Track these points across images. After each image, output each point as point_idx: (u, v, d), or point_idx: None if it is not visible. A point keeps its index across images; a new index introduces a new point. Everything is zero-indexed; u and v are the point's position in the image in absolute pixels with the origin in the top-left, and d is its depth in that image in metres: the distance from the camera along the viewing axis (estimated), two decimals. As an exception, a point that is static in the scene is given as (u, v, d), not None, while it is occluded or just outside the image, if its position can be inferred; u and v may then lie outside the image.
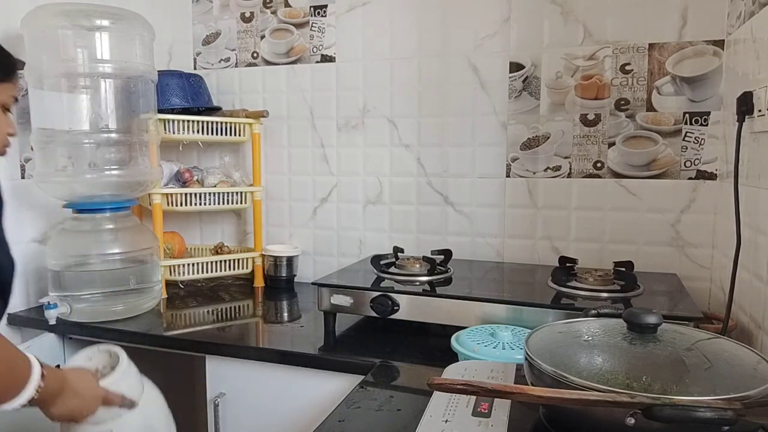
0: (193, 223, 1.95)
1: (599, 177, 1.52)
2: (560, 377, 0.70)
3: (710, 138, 1.43)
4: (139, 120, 1.50)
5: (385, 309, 1.24)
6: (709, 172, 1.44)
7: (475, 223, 1.64)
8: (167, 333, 1.35)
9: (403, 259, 1.44)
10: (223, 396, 1.27)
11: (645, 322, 0.78)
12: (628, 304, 1.13)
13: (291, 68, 1.81)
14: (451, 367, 0.95)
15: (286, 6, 1.80)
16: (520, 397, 0.65)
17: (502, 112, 1.59)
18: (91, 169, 1.44)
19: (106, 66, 1.42)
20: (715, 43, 1.40)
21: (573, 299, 1.19)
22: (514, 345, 1.03)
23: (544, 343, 0.80)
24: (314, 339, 1.29)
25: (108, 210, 1.46)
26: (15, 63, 0.95)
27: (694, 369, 0.71)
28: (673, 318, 0.97)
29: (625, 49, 1.47)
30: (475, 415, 0.78)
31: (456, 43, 1.62)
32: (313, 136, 1.80)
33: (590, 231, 1.54)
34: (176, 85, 1.70)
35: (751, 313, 1.12)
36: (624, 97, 1.49)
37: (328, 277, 1.38)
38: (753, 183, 1.12)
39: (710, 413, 0.60)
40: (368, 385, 1.04)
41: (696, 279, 1.45)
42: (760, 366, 0.72)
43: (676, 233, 1.47)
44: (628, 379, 0.68)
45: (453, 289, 1.28)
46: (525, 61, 1.56)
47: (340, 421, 0.89)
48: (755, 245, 1.09)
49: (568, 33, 1.52)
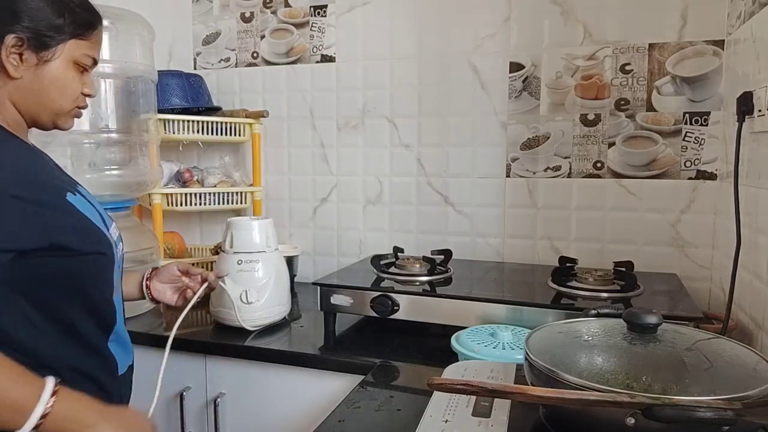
0: (193, 223, 1.95)
1: (599, 177, 1.52)
2: (560, 377, 0.70)
3: (710, 138, 1.43)
4: (139, 120, 1.50)
5: (385, 309, 1.24)
6: (709, 172, 1.44)
7: (475, 223, 1.64)
8: (167, 333, 1.35)
9: (403, 259, 1.44)
10: (223, 396, 1.27)
11: (645, 322, 0.78)
12: (628, 304, 1.13)
13: (291, 68, 1.81)
14: (451, 367, 0.95)
15: (286, 6, 1.80)
16: (520, 397, 0.65)
17: (502, 112, 1.59)
18: (91, 169, 1.44)
19: (106, 66, 1.42)
20: (715, 43, 1.40)
21: (573, 299, 1.19)
22: (514, 345, 1.03)
23: (544, 343, 0.80)
24: (314, 339, 1.29)
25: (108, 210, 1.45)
26: (95, 20, 0.91)
27: (694, 369, 0.71)
28: (673, 318, 0.97)
29: (625, 49, 1.47)
30: (475, 415, 0.78)
31: (456, 43, 1.62)
32: (313, 136, 1.80)
33: (590, 231, 1.54)
34: (176, 85, 1.70)
35: (751, 313, 1.12)
36: (624, 97, 1.48)
37: (328, 277, 1.38)
38: (753, 183, 1.12)
39: (710, 413, 0.60)
40: (368, 385, 1.04)
41: (696, 279, 1.45)
42: (760, 366, 0.72)
43: (676, 233, 1.47)
44: (628, 379, 0.68)
45: (453, 289, 1.28)
46: (525, 61, 1.56)
47: (340, 421, 0.89)
48: (755, 245, 1.09)
49: (568, 33, 1.52)
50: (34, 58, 0.85)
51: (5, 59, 0.83)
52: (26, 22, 0.83)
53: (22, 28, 0.83)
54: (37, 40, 0.84)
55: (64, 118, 0.92)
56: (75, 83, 0.90)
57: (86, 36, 0.89)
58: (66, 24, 0.86)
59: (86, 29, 0.88)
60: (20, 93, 0.87)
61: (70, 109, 0.91)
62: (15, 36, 0.83)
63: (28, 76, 0.86)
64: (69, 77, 0.88)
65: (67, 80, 0.88)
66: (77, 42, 0.88)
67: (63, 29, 0.86)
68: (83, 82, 0.91)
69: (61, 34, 0.86)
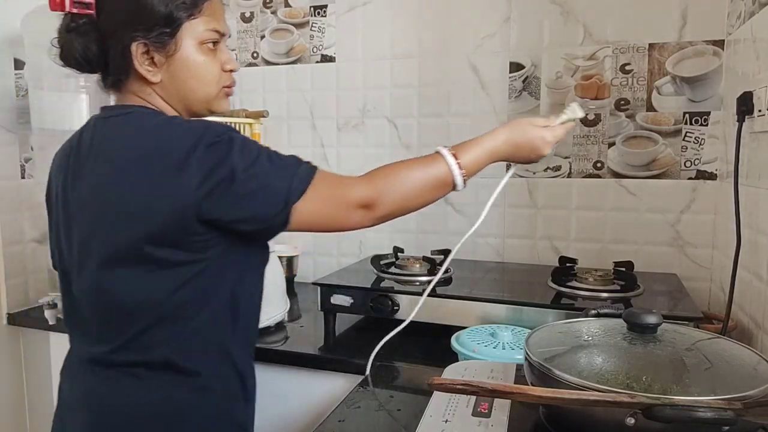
0: (193, 223, 1.95)
1: (599, 177, 1.52)
2: (560, 377, 0.70)
3: (710, 138, 1.43)
4: (139, 120, 1.50)
5: (385, 309, 1.24)
6: (709, 172, 1.44)
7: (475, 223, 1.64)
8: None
9: (403, 259, 1.44)
10: (223, 396, 1.27)
11: (645, 322, 0.78)
12: (628, 304, 1.13)
13: (291, 68, 1.81)
14: (451, 367, 0.95)
15: (286, 6, 1.80)
16: (520, 397, 0.65)
17: (502, 112, 1.59)
18: (91, 169, 1.44)
19: (106, 66, 1.42)
20: (715, 43, 1.40)
21: (573, 299, 1.19)
22: (514, 345, 1.03)
23: (544, 343, 0.80)
24: (314, 339, 1.29)
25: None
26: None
27: (694, 369, 0.71)
28: (673, 318, 0.97)
29: (625, 49, 1.47)
30: (475, 415, 0.78)
31: (456, 43, 1.62)
32: (313, 136, 1.80)
33: (590, 231, 1.54)
34: (176, 85, 1.70)
35: (751, 313, 1.12)
36: (624, 97, 1.48)
37: (328, 277, 1.38)
38: (753, 183, 1.12)
39: (710, 413, 0.60)
40: (368, 385, 1.04)
41: (696, 279, 1.45)
42: (760, 366, 0.72)
43: (676, 233, 1.47)
44: (628, 379, 0.68)
45: (453, 289, 1.28)
46: (525, 61, 1.56)
47: (340, 421, 0.89)
48: (755, 245, 1.09)
49: (568, 33, 1.51)
50: (162, 57, 0.83)
51: (140, 68, 0.83)
52: (141, 24, 0.81)
53: (140, 31, 0.81)
54: (157, 38, 0.82)
55: (216, 103, 0.90)
56: (209, 65, 0.87)
57: (196, 12, 0.85)
58: (172, 10, 0.82)
59: (193, 6, 0.84)
60: (167, 93, 0.86)
61: (216, 92, 0.89)
62: (138, 43, 0.82)
63: (166, 77, 0.85)
64: (200, 62, 0.86)
65: (199, 66, 0.86)
66: (191, 22, 0.84)
67: (172, 16, 0.82)
68: (219, 60, 0.88)
69: (173, 23, 0.83)
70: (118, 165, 0.79)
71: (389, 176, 0.87)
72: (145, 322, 0.81)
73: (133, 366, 0.82)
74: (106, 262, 0.80)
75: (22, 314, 1.49)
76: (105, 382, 0.83)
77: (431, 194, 0.90)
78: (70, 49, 0.84)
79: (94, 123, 0.86)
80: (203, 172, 0.75)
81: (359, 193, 0.84)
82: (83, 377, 0.86)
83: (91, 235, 0.81)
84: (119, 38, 0.82)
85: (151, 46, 0.82)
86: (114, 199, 0.79)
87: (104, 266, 0.80)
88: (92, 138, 0.84)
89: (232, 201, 0.77)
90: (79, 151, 0.85)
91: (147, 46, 0.82)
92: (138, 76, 0.84)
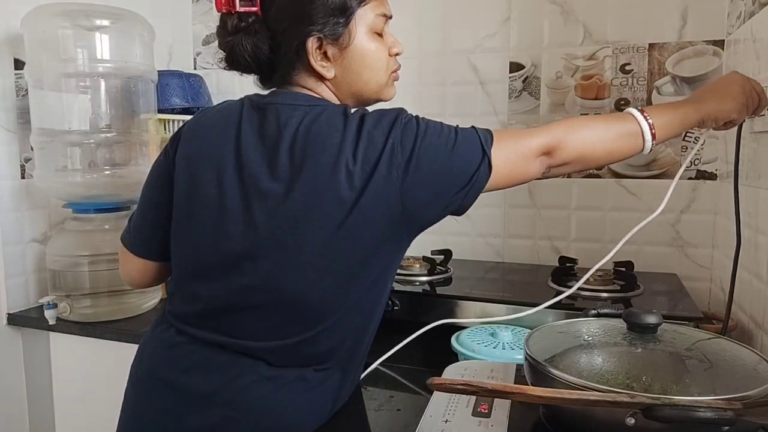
0: (193, 223, 1.95)
1: (599, 177, 1.52)
2: (560, 377, 0.70)
3: (710, 138, 1.43)
4: (139, 120, 1.50)
5: (385, 309, 1.23)
6: (709, 172, 1.44)
7: (475, 223, 1.64)
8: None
9: (403, 259, 1.44)
10: (223, 396, 1.27)
11: (645, 322, 0.78)
12: (628, 304, 1.13)
13: (291, 68, 1.80)
14: (451, 367, 0.95)
15: (286, 6, 1.80)
16: (520, 397, 0.65)
17: (502, 112, 1.59)
18: (91, 169, 1.44)
19: (106, 66, 1.42)
20: (715, 43, 1.40)
21: (573, 299, 1.19)
22: (514, 345, 1.03)
23: (544, 343, 0.80)
24: (314, 339, 1.29)
25: (108, 210, 1.46)
26: None
27: (694, 369, 0.71)
28: (673, 318, 0.97)
29: (625, 49, 1.47)
30: (475, 415, 0.78)
31: (456, 43, 1.62)
32: (313, 136, 1.79)
33: (590, 231, 1.54)
34: (176, 85, 1.70)
35: (751, 313, 1.12)
36: (624, 97, 1.48)
37: (328, 277, 1.37)
38: (753, 183, 1.12)
39: (710, 413, 0.60)
40: (368, 385, 1.04)
41: (696, 279, 1.45)
42: (760, 366, 0.72)
43: (676, 233, 1.47)
44: (628, 379, 0.68)
45: (453, 289, 1.28)
46: (525, 61, 1.56)
47: (340, 421, 0.89)
48: (755, 245, 1.09)
49: (568, 33, 1.51)
50: (336, 50, 0.81)
51: (315, 64, 0.80)
52: (314, 18, 0.78)
53: (314, 25, 0.78)
54: (332, 30, 0.79)
55: (386, 90, 0.88)
56: (380, 53, 0.85)
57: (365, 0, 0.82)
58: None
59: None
60: (338, 89, 0.84)
61: (386, 80, 0.87)
62: (313, 37, 0.79)
63: (339, 71, 0.82)
64: (372, 49, 0.84)
65: (371, 54, 0.84)
66: (363, 9, 0.82)
67: (345, 5, 0.80)
68: (386, 45, 0.86)
69: (346, 11, 0.80)
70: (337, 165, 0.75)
71: (569, 124, 0.86)
72: (332, 319, 0.79)
73: (302, 366, 0.80)
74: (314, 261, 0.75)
75: (22, 314, 1.49)
76: (269, 382, 0.79)
77: (615, 144, 0.86)
78: (240, 50, 0.82)
79: (280, 109, 0.80)
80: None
81: (539, 140, 0.83)
82: (232, 371, 0.80)
83: (293, 227, 0.76)
84: (292, 34, 0.79)
85: (324, 40, 0.80)
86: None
87: (311, 264, 0.75)
88: (284, 126, 0.78)
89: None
90: (265, 136, 0.79)
91: (321, 40, 0.79)
92: (308, 71, 0.81)
